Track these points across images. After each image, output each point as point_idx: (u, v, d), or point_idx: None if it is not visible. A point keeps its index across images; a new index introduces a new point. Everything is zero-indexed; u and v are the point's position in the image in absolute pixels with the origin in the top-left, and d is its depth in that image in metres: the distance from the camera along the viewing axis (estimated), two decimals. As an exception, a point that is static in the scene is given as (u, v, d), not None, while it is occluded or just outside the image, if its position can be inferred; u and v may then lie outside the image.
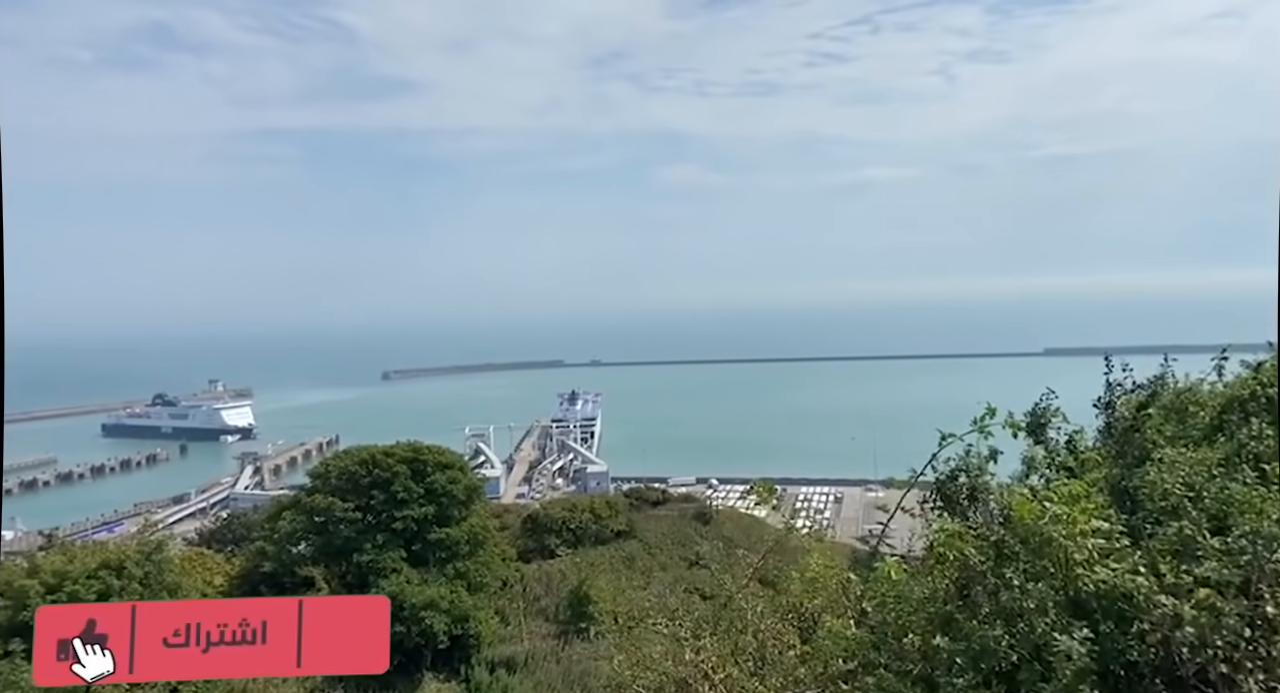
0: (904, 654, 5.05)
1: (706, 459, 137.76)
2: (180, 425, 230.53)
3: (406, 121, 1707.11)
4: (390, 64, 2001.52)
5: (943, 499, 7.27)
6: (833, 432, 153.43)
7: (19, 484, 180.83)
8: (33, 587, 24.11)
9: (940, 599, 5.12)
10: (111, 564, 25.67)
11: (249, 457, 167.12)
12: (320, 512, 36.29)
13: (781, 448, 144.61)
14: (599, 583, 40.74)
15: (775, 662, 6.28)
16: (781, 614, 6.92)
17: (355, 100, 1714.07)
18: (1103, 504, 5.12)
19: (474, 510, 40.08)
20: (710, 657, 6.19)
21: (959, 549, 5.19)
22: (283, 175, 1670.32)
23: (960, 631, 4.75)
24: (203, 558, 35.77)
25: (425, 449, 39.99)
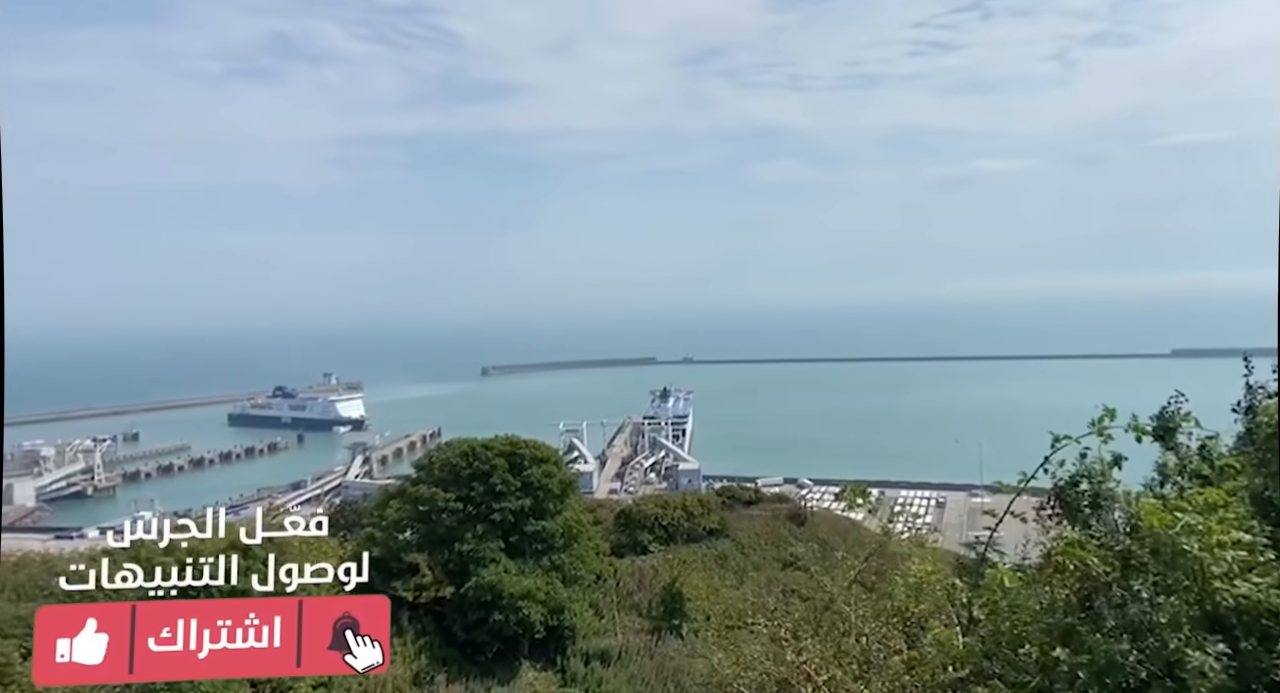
0: (1020, 666, 4.86)
1: (799, 460, 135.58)
2: (298, 416, 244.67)
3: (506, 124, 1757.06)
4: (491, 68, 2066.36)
5: (1061, 506, 6.93)
6: (934, 435, 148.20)
7: (157, 468, 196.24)
8: (169, 563, 26.14)
9: (1060, 610, 4.90)
10: (237, 545, 27.55)
11: (359, 447, 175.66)
12: (424, 501, 37.70)
13: (879, 450, 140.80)
14: (692, 581, 40.77)
15: (880, 666, 6.14)
16: (885, 618, 6.76)
17: (458, 104, 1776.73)
18: (1244, 515, 4.78)
19: (569, 504, 40.78)
20: (813, 658, 6.12)
21: (1080, 559, 4.94)
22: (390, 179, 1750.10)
23: (1082, 643, 4.53)
24: (318, 542, 37.59)
25: (522, 443, 40.95)
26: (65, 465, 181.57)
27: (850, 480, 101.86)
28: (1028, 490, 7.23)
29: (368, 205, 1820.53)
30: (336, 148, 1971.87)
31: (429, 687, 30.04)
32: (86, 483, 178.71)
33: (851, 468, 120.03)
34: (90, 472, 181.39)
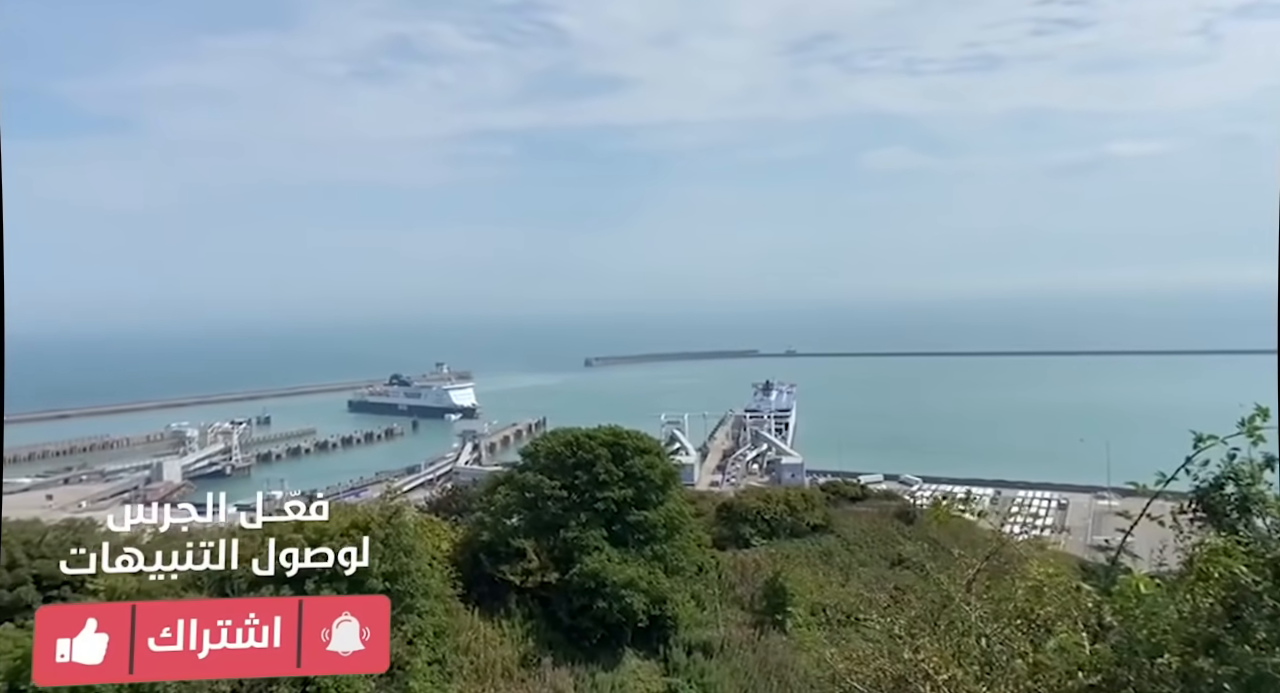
0: (1158, 676, 4.59)
1: (907, 456, 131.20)
2: (414, 404, 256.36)
3: (612, 117, 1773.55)
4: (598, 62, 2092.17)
5: (1204, 510, 6.47)
6: (1055, 433, 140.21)
7: (286, 451, 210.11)
8: (299, 541, 27.88)
9: (1204, 620, 4.60)
10: (360, 525, 29.06)
11: (469, 434, 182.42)
12: (530, 489, 38.68)
13: (993, 448, 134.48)
14: (795, 576, 40.26)
15: (1003, 669, 5.93)
16: (1008, 620, 6.51)
17: (565, 99, 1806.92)
18: None
19: (670, 496, 40.94)
20: (931, 657, 5.97)
21: (1227, 567, 4.62)
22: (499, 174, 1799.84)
23: (1229, 655, 4.25)
24: (432, 525, 39.26)
25: (625, 434, 41.34)
26: (207, 446, 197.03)
27: (962, 479, 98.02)
28: (1167, 494, 6.79)
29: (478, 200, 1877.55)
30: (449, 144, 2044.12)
31: (536, 669, 30.94)
32: (225, 463, 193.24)
33: (963, 466, 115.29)
34: (228, 452, 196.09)
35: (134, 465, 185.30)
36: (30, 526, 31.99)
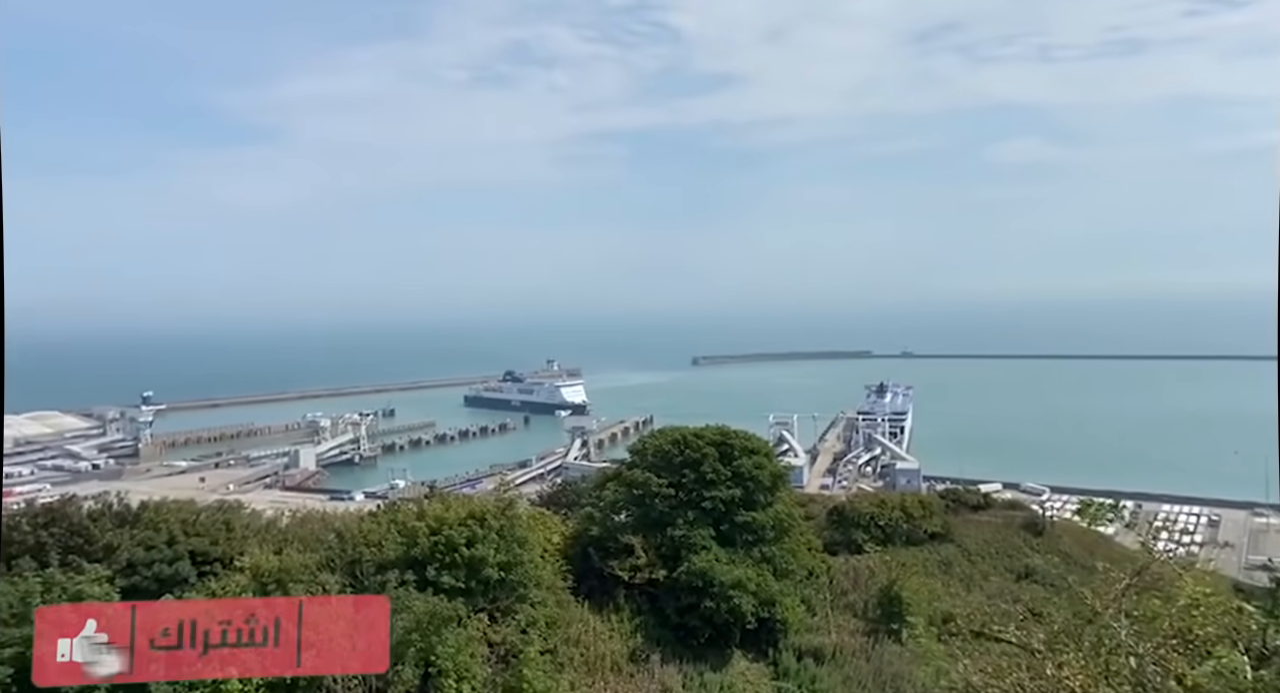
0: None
1: (1030, 464, 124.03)
2: (526, 399, 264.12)
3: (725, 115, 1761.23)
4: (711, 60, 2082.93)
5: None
6: (1205, 443, 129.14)
7: (409, 442, 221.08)
8: (420, 529, 29.15)
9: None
10: (476, 515, 30.09)
11: (578, 431, 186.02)
12: (638, 486, 38.92)
13: (1133, 457, 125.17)
14: (912, 584, 38.76)
15: (1157, 690, 5.46)
16: (1162, 639, 5.99)
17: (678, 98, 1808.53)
18: None
19: (779, 497, 40.26)
20: (1076, 674, 5.56)
21: None
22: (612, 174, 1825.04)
23: None
24: (544, 518, 40.21)
25: (733, 433, 40.94)
26: (338, 436, 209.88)
27: (1096, 490, 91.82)
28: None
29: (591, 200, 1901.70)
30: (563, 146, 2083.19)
31: (644, 665, 31.12)
32: (354, 452, 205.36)
33: (1098, 476, 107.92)
34: (357, 442, 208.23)
35: (275, 452, 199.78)
36: (186, 505, 34.84)
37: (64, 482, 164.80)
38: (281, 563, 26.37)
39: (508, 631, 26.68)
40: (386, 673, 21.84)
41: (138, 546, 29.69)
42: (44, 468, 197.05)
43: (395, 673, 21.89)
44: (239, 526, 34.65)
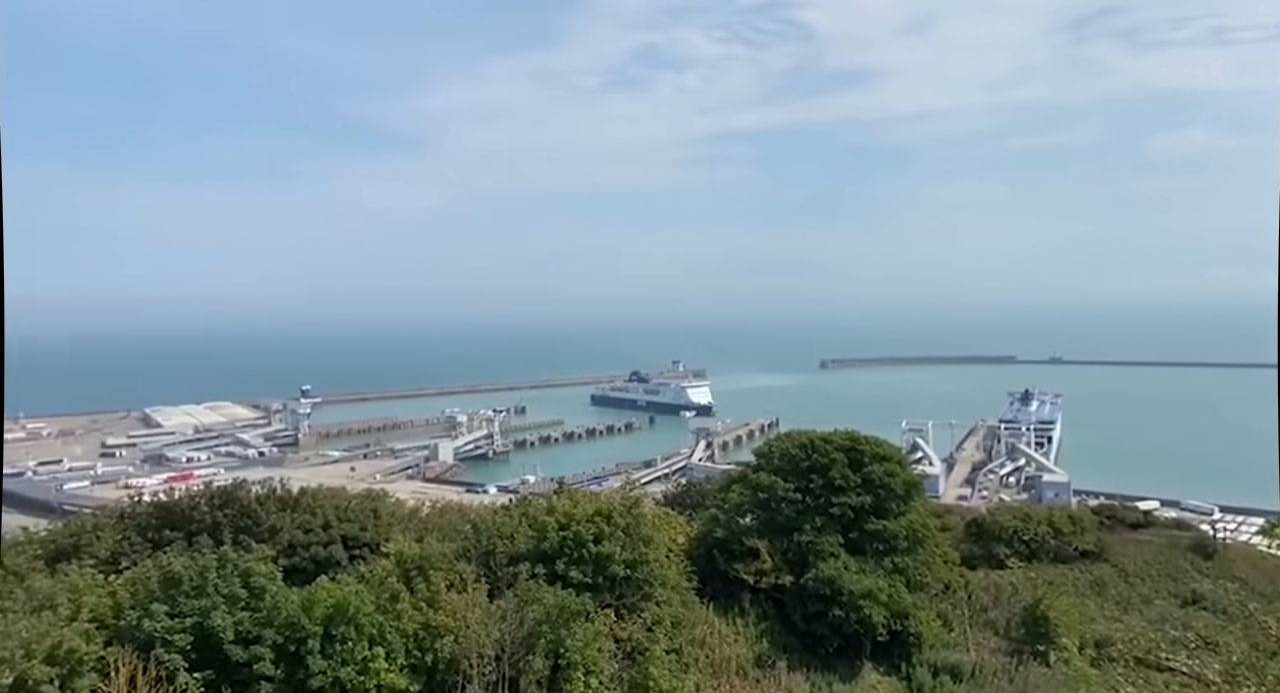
0: None
1: (1195, 480, 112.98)
2: (652, 400, 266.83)
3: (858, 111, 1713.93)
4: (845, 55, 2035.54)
5: None
6: None
7: (538, 438, 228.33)
8: (550, 524, 29.99)
9: None
10: (603, 513, 30.62)
11: (702, 432, 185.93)
12: (764, 489, 38.36)
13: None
14: (1060, 604, 36.15)
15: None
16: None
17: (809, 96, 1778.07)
18: None
19: (913, 506, 38.66)
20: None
21: None
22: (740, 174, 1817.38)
23: None
24: (668, 518, 40.41)
25: (863, 439, 39.67)
26: (474, 431, 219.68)
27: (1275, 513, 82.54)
28: None
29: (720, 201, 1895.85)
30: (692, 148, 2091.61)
31: (770, 670, 30.65)
32: (488, 447, 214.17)
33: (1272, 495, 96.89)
34: (491, 437, 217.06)
35: (416, 445, 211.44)
36: (339, 493, 37.49)
37: (235, 467, 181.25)
38: (423, 551, 27.88)
39: (634, 628, 26.99)
40: (518, 662, 22.61)
41: (297, 528, 32.26)
42: (219, 454, 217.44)
43: (526, 663, 22.61)
44: (385, 513, 36.97)
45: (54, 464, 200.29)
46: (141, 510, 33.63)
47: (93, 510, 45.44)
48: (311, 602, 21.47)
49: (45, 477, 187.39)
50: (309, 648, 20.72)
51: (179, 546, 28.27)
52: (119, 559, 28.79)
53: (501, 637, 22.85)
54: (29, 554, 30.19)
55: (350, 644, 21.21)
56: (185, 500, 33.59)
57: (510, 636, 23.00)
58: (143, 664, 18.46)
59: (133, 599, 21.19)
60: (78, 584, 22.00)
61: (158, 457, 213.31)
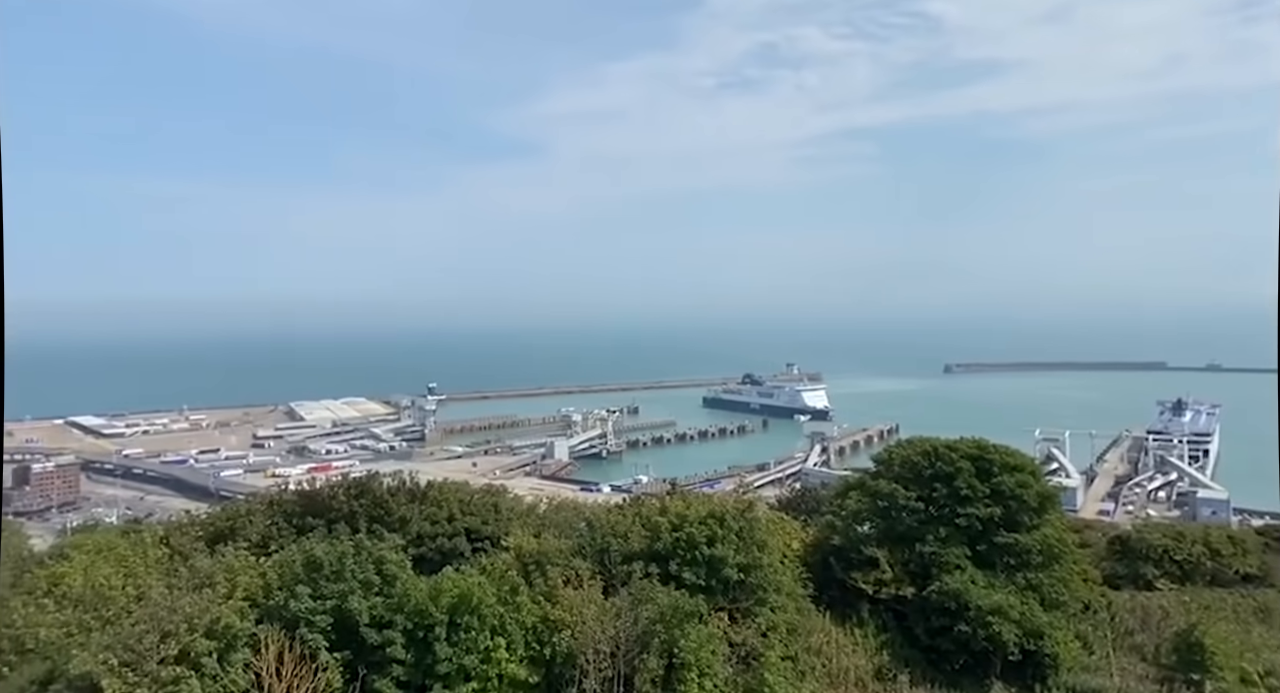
0: None
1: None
2: (765, 403, 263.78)
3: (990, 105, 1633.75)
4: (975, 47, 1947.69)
5: None
6: None
7: (651, 439, 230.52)
8: (663, 524, 30.11)
9: None
10: (716, 515, 30.45)
11: (818, 436, 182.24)
12: (883, 496, 37.15)
13: None
14: (1217, 631, 33.04)
15: None
16: None
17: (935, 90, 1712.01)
18: None
19: (1047, 520, 36.41)
20: None
21: None
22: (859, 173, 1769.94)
23: None
24: (783, 523, 39.75)
25: (992, 448, 37.75)
26: (588, 430, 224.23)
27: None
28: None
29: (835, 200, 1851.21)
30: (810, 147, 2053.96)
31: (891, 684, 29.59)
32: (602, 446, 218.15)
33: None
34: (604, 437, 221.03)
35: (533, 443, 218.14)
36: (462, 487, 39.03)
37: (368, 460, 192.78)
38: (540, 546, 28.64)
39: (748, 632, 26.70)
40: (633, 660, 22.82)
41: (425, 520, 33.86)
42: (354, 447, 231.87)
43: (641, 661, 22.78)
44: (505, 509, 38.23)
45: (212, 453, 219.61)
46: (287, 498, 36.21)
47: (245, 497, 49.40)
48: (438, 591, 22.45)
49: (204, 464, 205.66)
50: (436, 635, 21.68)
51: (320, 532, 30.23)
52: (268, 543, 31.10)
53: (616, 634, 23.14)
54: (191, 535, 33.15)
55: (474, 634, 22.04)
56: (325, 490, 35.88)
57: (625, 633, 23.25)
58: (289, 642, 19.84)
59: (280, 581, 22.82)
60: (233, 565, 23.94)
61: (301, 448, 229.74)
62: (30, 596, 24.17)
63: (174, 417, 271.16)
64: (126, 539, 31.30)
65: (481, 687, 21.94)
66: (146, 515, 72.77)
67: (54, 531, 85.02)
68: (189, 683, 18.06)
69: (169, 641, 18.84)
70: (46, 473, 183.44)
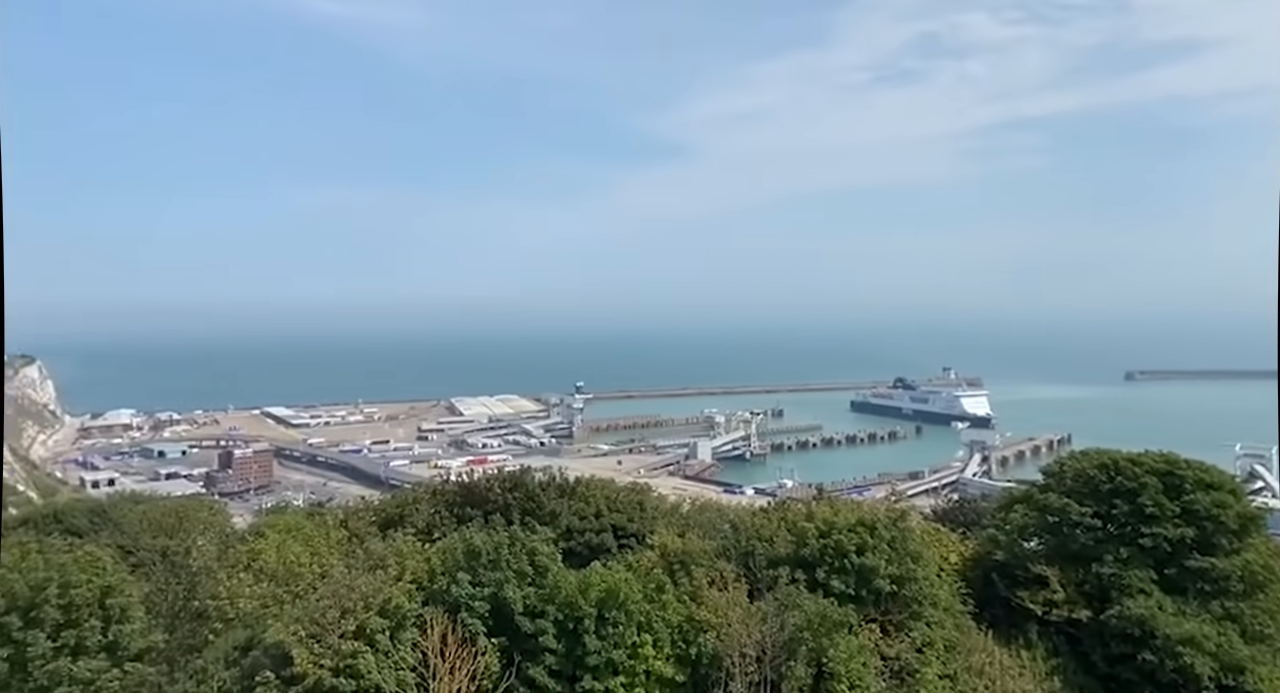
0: None
1: None
2: (919, 408, 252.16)
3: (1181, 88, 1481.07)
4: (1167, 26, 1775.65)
5: None
6: None
7: (796, 443, 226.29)
8: (810, 530, 29.45)
9: None
10: (866, 523, 29.41)
11: (978, 444, 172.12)
12: (1054, 511, 34.68)
13: None
14: None
15: None
16: None
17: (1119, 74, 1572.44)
18: None
19: (1250, 544, 32.64)
20: None
21: None
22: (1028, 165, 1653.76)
23: None
24: (939, 535, 37.86)
25: (1182, 463, 34.29)
26: (731, 432, 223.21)
27: None
28: None
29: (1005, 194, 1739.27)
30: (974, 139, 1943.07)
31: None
32: (745, 448, 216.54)
33: None
34: (747, 439, 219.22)
35: (676, 443, 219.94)
36: (608, 484, 39.94)
37: (520, 455, 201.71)
38: (685, 546, 28.81)
39: (901, 646, 25.64)
40: (779, 666, 22.50)
41: (574, 515, 34.95)
42: (507, 442, 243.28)
43: (788, 668, 22.42)
44: (649, 507, 38.77)
45: (383, 444, 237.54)
46: (449, 489, 38.51)
47: (412, 486, 53.02)
48: (587, 585, 23.11)
49: (376, 455, 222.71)
50: (585, 627, 22.33)
51: (477, 522, 31.91)
52: (432, 530, 33.20)
53: (762, 639, 22.89)
54: (366, 520, 35.98)
55: (621, 629, 22.51)
56: (482, 483, 37.84)
57: (771, 638, 22.96)
58: (451, 625, 21.10)
59: (442, 566, 24.30)
60: (402, 549, 25.75)
61: (460, 442, 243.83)
62: (233, 568, 27.10)
63: (350, 409, 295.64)
64: (311, 521, 34.43)
65: (630, 681, 22.36)
66: (328, 500, 79.87)
67: (251, 510, 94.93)
68: (365, 658, 19.59)
69: (348, 617, 20.52)
70: (246, 458, 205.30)
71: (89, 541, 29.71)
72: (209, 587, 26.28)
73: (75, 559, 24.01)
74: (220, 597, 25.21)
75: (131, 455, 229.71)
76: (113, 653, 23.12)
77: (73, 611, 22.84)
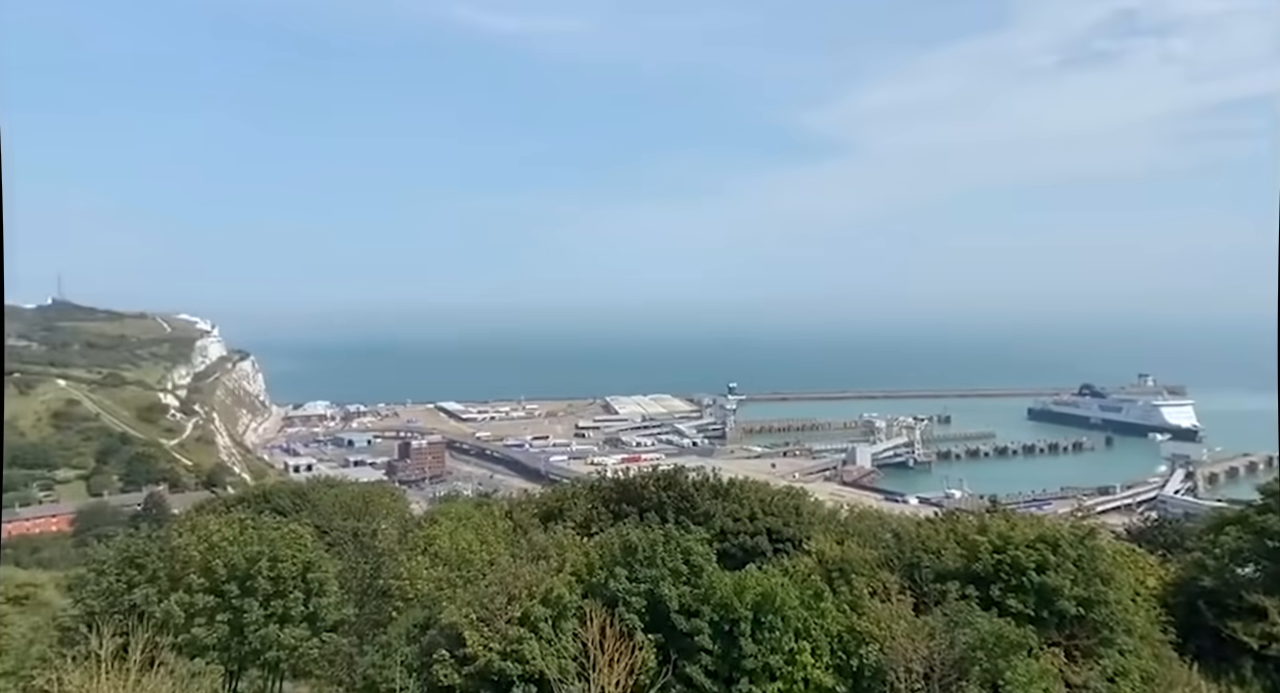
0: None
1: None
2: (1110, 418, 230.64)
3: None
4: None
5: None
6: None
7: (965, 451, 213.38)
8: (983, 543, 27.54)
9: None
10: (1047, 540, 27.13)
11: (1180, 459, 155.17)
12: (1273, 535, 30.74)
13: None
14: None
15: None
16: None
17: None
18: None
19: None
20: None
21: None
22: (1246, 149, 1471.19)
23: None
24: (1134, 556, 34.45)
25: None
26: (892, 437, 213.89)
27: None
28: None
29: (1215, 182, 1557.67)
30: (1179, 123, 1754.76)
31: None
32: (907, 455, 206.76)
33: None
34: (911, 446, 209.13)
35: (833, 447, 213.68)
36: (763, 487, 39.39)
37: (673, 454, 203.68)
38: (844, 553, 27.81)
39: (1090, 674, 23.45)
40: (949, 685, 21.22)
41: (728, 516, 34.73)
42: (660, 441, 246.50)
43: (959, 688, 21.11)
44: (805, 511, 37.83)
45: (543, 440, 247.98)
46: (606, 485, 39.49)
47: (570, 481, 54.88)
48: (742, 587, 22.84)
49: (536, 450, 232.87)
50: (741, 630, 22.08)
51: (633, 519, 32.47)
52: (589, 524, 34.15)
53: (930, 655, 21.66)
54: (529, 512, 37.60)
55: (778, 634, 22.06)
56: (638, 480, 38.47)
57: (940, 656, 21.67)
58: (609, 618, 21.55)
59: (600, 560, 24.88)
60: (562, 542, 26.64)
61: (615, 440, 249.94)
62: (412, 551, 29.18)
63: (513, 406, 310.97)
64: (479, 510, 36.44)
65: (787, 688, 21.88)
66: (494, 491, 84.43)
67: (425, 498, 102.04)
68: (530, 644, 20.42)
69: (514, 604, 21.48)
70: (422, 449, 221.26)
71: (292, 519, 33.01)
72: (391, 567, 28.47)
73: (282, 536, 26.87)
74: (401, 577, 27.24)
75: (326, 443, 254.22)
76: (312, 623, 25.70)
77: (280, 582, 25.59)
